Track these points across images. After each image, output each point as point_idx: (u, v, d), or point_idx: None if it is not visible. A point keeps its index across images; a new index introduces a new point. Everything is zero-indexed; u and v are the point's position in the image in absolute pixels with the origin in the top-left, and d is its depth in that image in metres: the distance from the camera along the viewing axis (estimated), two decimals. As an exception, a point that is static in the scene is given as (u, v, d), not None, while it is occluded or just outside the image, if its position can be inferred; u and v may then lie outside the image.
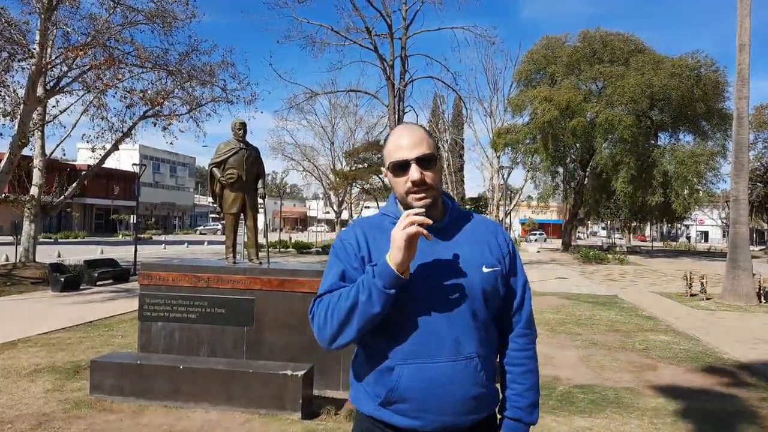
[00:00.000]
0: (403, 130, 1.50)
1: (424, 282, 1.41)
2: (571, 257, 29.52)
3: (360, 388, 1.51)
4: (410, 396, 1.40)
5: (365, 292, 1.35)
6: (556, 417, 4.52)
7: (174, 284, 5.07)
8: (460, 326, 1.42)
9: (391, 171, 1.47)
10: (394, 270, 1.33)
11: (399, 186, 1.47)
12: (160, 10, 14.84)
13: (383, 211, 1.59)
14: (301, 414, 4.26)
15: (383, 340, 1.43)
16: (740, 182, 12.61)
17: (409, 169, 1.43)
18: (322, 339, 1.43)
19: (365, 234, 1.51)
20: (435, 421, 1.41)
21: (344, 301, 1.38)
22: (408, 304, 1.40)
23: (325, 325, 1.41)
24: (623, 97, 28.08)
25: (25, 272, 13.68)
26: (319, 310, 1.43)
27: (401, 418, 1.41)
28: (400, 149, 1.45)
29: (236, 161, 5.46)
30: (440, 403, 1.39)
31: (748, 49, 12.42)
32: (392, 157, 1.46)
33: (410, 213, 1.34)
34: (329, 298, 1.42)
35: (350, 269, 1.47)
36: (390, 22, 19.24)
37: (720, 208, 53.02)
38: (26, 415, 4.26)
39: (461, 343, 1.41)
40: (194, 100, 17.22)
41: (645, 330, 8.71)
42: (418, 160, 1.43)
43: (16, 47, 12.68)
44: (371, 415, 1.46)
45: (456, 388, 1.40)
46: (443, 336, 1.40)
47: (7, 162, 12.94)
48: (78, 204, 44.07)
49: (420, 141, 1.46)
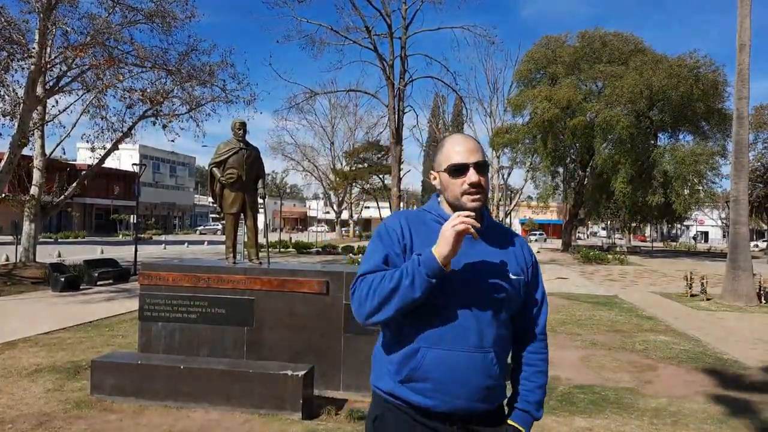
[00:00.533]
0: (462, 138, 1.65)
1: (460, 277, 1.54)
2: (571, 257, 29.52)
3: (383, 367, 1.63)
4: (431, 376, 1.52)
5: (409, 277, 1.47)
6: (557, 417, 4.52)
7: (174, 284, 5.06)
8: (484, 322, 1.55)
9: (449, 173, 1.60)
10: (439, 262, 1.46)
11: (455, 187, 1.60)
12: (159, 10, 14.83)
13: (425, 208, 1.73)
14: (301, 414, 4.26)
15: (413, 324, 1.55)
16: (740, 183, 12.61)
17: (467, 172, 1.58)
18: (360, 313, 1.55)
19: (409, 224, 1.64)
20: (448, 403, 1.53)
21: (387, 282, 1.50)
22: (441, 295, 1.52)
23: (365, 301, 1.53)
24: (622, 97, 28.09)
25: (25, 272, 13.68)
26: (362, 287, 1.55)
27: (418, 397, 1.54)
28: (460, 153, 1.59)
29: (236, 161, 5.45)
30: (456, 388, 1.52)
31: (748, 49, 12.43)
32: (452, 160, 1.60)
33: (462, 214, 1.47)
34: (372, 277, 1.54)
35: (393, 254, 1.59)
36: (390, 21, 19.26)
37: (720, 209, 53.03)
38: (27, 415, 4.26)
39: (483, 337, 1.55)
40: (194, 100, 17.20)
41: (645, 330, 8.71)
42: (476, 165, 1.58)
43: (16, 47, 12.67)
44: (390, 392, 1.58)
45: (472, 376, 1.53)
46: (469, 328, 1.54)
47: (7, 162, 12.94)
48: (78, 204, 43.99)
49: (477, 149, 1.62)
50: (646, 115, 31.29)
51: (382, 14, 19.05)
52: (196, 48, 16.40)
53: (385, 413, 1.60)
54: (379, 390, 1.63)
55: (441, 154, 1.64)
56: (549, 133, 30.15)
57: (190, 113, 17.43)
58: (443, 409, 1.53)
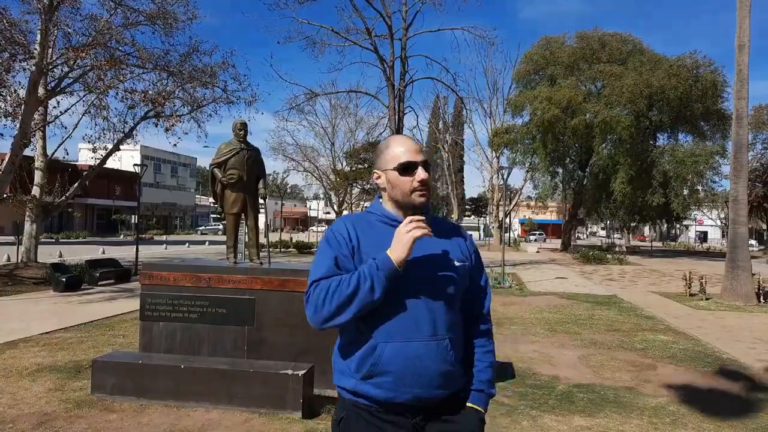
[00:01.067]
0: (406, 138, 1.73)
1: (409, 271, 1.59)
2: (571, 257, 29.53)
3: (344, 367, 1.67)
4: (390, 369, 1.57)
5: (368, 281, 1.53)
6: (556, 416, 4.55)
7: (175, 284, 5.09)
8: (437, 311, 1.62)
9: (399, 171, 1.65)
10: (395, 265, 1.53)
11: (405, 184, 1.66)
12: (161, 11, 14.85)
13: (369, 209, 1.79)
14: (301, 413, 4.29)
15: (369, 321, 1.60)
16: (739, 182, 12.63)
17: (416, 170, 1.64)
18: (316, 318, 1.59)
19: (354, 227, 1.69)
20: (408, 393, 1.58)
21: (345, 287, 1.54)
22: (394, 290, 1.57)
23: (322, 307, 1.57)
24: (622, 98, 28.09)
25: (26, 272, 13.70)
26: (317, 292, 1.59)
27: (379, 390, 1.58)
28: (408, 153, 1.66)
29: (237, 162, 5.47)
30: (415, 377, 1.57)
31: (747, 49, 12.44)
32: (401, 159, 1.66)
33: (414, 219, 1.56)
34: (327, 282, 1.58)
35: (342, 257, 1.64)
36: (390, 23, 19.24)
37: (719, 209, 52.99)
38: (28, 415, 4.28)
39: (436, 325, 1.61)
40: (195, 101, 17.23)
41: (644, 330, 8.73)
42: (423, 164, 1.66)
43: (17, 47, 12.70)
44: (354, 390, 1.62)
45: (430, 364, 1.59)
46: (422, 318, 1.60)
47: (9, 162, 12.96)
48: (79, 204, 44.03)
49: (421, 148, 1.70)
50: (646, 116, 31.27)
51: (382, 16, 19.04)
52: (197, 49, 16.43)
53: (349, 414, 1.64)
54: (343, 389, 1.67)
55: (387, 154, 1.69)
56: (548, 133, 30.15)
57: (192, 114, 17.46)
58: (404, 399, 1.58)
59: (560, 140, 31.40)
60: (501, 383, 5.41)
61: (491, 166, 43.48)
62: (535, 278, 17.26)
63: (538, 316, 9.77)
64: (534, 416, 4.53)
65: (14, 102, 13.24)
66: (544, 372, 5.96)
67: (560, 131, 30.24)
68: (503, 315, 9.84)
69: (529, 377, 5.73)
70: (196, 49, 16.38)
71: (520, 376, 5.73)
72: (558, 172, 35.90)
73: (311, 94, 22.74)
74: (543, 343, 7.54)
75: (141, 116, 16.61)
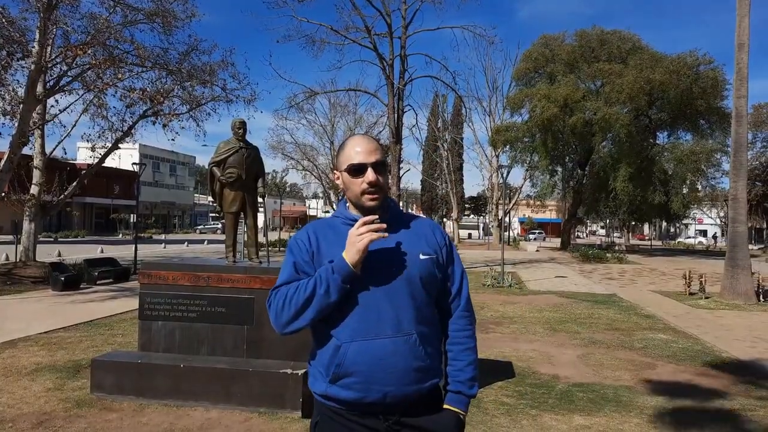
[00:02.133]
0: (361, 138, 1.70)
1: (369, 269, 1.58)
2: (570, 256, 29.54)
3: (315, 371, 1.67)
4: (355, 370, 1.55)
5: (323, 286, 1.54)
6: (556, 415, 4.54)
7: (174, 283, 5.07)
8: (400, 306, 1.59)
9: (349, 173, 1.64)
10: (351, 267, 1.53)
11: (355, 186, 1.64)
12: (160, 9, 14.81)
13: (335, 213, 1.78)
14: (301, 412, 4.28)
15: (332, 323, 1.60)
16: (739, 181, 12.63)
17: (365, 171, 1.62)
18: (278, 323, 1.63)
19: (316, 233, 1.70)
20: (378, 392, 1.55)
21: (302, 292, 1.57)
22: (355, 290, 1.58)
23: (282, 312, 1.60)
24: (622, 95, 28.07)
25: (25, 271, 13.67)
26: (277, 298, 1.62)
27: (348, 392, 1.56)
28: (359, 154, 1.63)
29: (236, 160, 5.46)
30: (383, 375, 1.55)
31: (747, 48, 12.44)
32: (352, 160, 1.64)
33: (367, 220, 1.55)
34: (286, 288, 1.61)
35: (301, 262, 1.66)
36: (389, 21, 19.23)
37: (719, 207, 53.01)
38: (27, 414, 4.27)
39: (401, 321, 1.58)
40: (194, 100, 17.18)
41: (644, 329, 8.73)
42: (374, 165, 1.63)
43: (16, 46, 12.66)
44: (324, 393, 1.61)
45: (398, 361, 1.55)
46: (385, 315, 1.58)
47: (7, 161, 12.93)
48: (78, 203, 43.96)
49: (375, 149, 1.66)
50: (646, 113, 31.28)
51: (381, 14, 19.03)
52: (196, 47, 16.39)
53: (322, 417, 1.64)
54: (315, 394, 1.66)
55: (342, 155, 1.68)
56: (548, 131, 30.15)
57: (191, 113, 17.41)
58: (374, 398, 1.55)
59: (560, 138, 31.39)
60: (501, 382, 5.41)
61: (491, 165, 43.50)
62: (534, 277, 17.26)
63: (537, 315, 9.76)
64: (534, 415, 4.52)
65: (13, 100, 13.21)
66: (543, 371, 5.96)
67: (559, 129, 30.23)
68: (503, 314, 9.83)
69: (528, 376, 5.72)
70: (195, 48, 16.35)
71: (519, 375, 5.73)
72: (557, 170, 35.90)
73: (310, 92, 22.74)
74: (543, 342, 7.54)
75: (140, 115, 16.57)
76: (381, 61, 19.41)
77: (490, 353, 6.71)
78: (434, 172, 55.28)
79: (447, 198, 51.53)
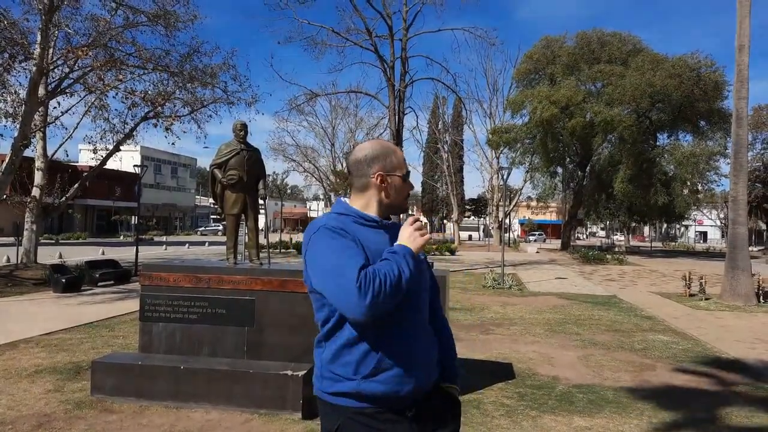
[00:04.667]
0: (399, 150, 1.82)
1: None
2: (570, 257, 29.52)
3: (339, 371, 1.61)
4: (393, 363, 1.59)
5: (405, 263, 1.53)
6: (555, 417, 4.55)
7: (175, 285, 5.08)
8: (423, 302, 1.74)
9: (403, 178, 1.76)
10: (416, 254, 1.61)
11: (404, 191, 1.77)
12: (162, 12, 14.85)
13: (340, 211, 1.71)
14: (301, 414, 4.29)
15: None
16: (739, 182, 12.63)
17: (409, 179, 1.78)
18: (374, 304, 1.45)
19: (342, 224, 1.62)
20: (412, 384, 1.62)
21: (394, 271, 1.50)
22: None
23: (379, 292, 1.45)
24: (623, 97, 28.08)
25: (26, 273, 13.70)
26: (369, 279, 1.46)
27: (384, 386, 1.58)
28: (406, 163, 1.78)
29: (237, 162, 5.47)
30: (416, 368, 1.63)
31: (747, 49, 12.45)
32: (405, 168, 1.77)
33: (418, 219, 1.67)
34: (373, 268, 1.49)
35: (356, 244, 1.57)
36: (390, 23, 19.28)
37: (719, 209, 52.98)
38: (27, 416, 4.28)
39: (424, 317, 1.74)
40: (195, 102, 17.23)
41: (644, 330, 8.73)
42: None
43: (18, 48, 12.70)
44: (355, 391, 1.58)
45: (426, 354, 1.69)
46: (420, 312, 1.70)
47: (9, 163, 12.96)
48: (79, 205, 44.05)
49: None
50: (646, 115, 31.28)
51: (383, 16, 19.08)
52: (198, 50, 16.44)
53: (345, 422, 1.59)
54: (340, 396, 1.61)
55: (394, 159, 1.74)
56: (548, 133, 30.16)
57: (192, 115, 17.46)
58: (407, 391, 1.60)
59: (560, 140, 31.40)
60: (501, 384, 5.41)
61: (491, 167, 43.52)
62: (534, 278, 17.26)
63: (537, 317, 9.76)
64: (534, 417, 4.53)
65: (14, 103, 13.25)
66: (543, 372, 5.96)
67: (559, 131, 30.24)
68: (503, 315, 9.83)
69: (528, 378, 5.72)
70: (197, 50, 16.40)
71: (519, 377, 5.73)
72: (558, 172, 35.91)
73: (311, 94, 22.78)
74: (543, 343, 7.54)
75: (141, 117, 16.61)
76: (382, 63, 19.45)
77: (490, 354, 6.71)
78: (435, 174, 55.32)
79: (447, 200, 51.52)
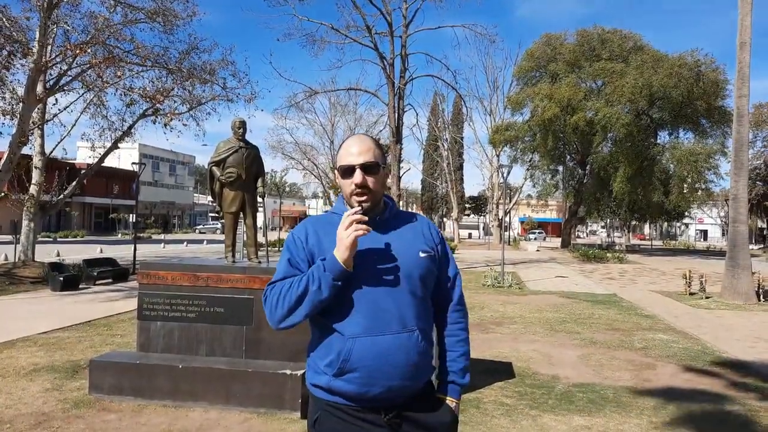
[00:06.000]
0: (355, 140, 1.73)
1: (371, 267, 1.63)
2: (571, 256, 29.52)
3: (316, 365, 1.67)
4: (361, 365, 1.58)
5: (315, 283, 1.57)
6: (555, 416, 4.52)
7: (173, 283, 5.05)
8: (403, 303, 1.63)
9: (340, 174, 1.70)
10: (342, 265, 1.56)
11: (345, 187, 1.70)
12: (161, 8, 14.80)
13: (333, 210, 1.80)
14: (300, 413, 4.26)
15: (336, 318, 1.62)
16: (740, 180, 12.61)
17: (354, 173, 1.66)
18: (272, 319, 1.65)
19: (315, 229, 1.72)
20: (382, 386, 1.59)
21: (295, 288, 1.60)
22: (358, 287, 1.61)
23: (276, 309, 1.63)
24: (623, 96, 28.03)
25: (24, 271, 13.67)
26: (272, 295, 1.65)
27: (353, 386, 1.59)
28: (350, 156, 1.67)
29: (236, 160, 5.44)
30: (388, 370, 1.58)
31: (748, 47, 12.42)
32: (342, 161, 1.69)
33: (349, 213, 1.58)
34: (281, 284, 1.64)
35: (297, 259, 1.69)
36: (390, 20, 19.21)
37: (719, 207, 52.98)
38: (25, 415, 4.25)
39: (404, 317, 1.62)
40: (194, 99, 17.17)
41: (644, 329, 8.72)
42: (363, 167, 1.66)
43: (16, 45, 12.64)
44: (328, 387, 1.62)
45: (401, 357, 1.60)
46: (389, 312, 1.61)
47: (7, 160, 12.92)
48: (77, 203, 44.01)
49: (367, 150, 1.68)
50: (647, 113, 31.24)
51: (382, 13, 19.02)
52: (196, 46, 16.38)
53: (323, 413, 1.64)
54: (317, 387, 1.67)
55: (338, 155, 1.74)
56: (548, 131, 30.11)
57: (191, 112, 17.40)
58: (378, 392, 1.58)
59: (560, 138, 31.36)
60: (500, 383, 5.39)
61: (491, 164, 43.48)
62: (535, 277, 17.25)
63: (537, 315, 9.74)
64: (534, 416, 4.51)
65: (13, 100, 13.20)
66: (543, 371, 5.94)
67: (560, 129, 30.20)
68: (503, 314, 9.82)
69: (528, 377, 5.70)
70: (195, 47, 16.35)
71: (519, 376, 5.71)
72: (558, 170, 35.86)
73: (311, 91, 22.74)
74: (543, 342, 7.52)
75: (139, 114, 16.56)
76: (381, 60, 19.40)
77: (490, 353, 6.69)
78: (434, 172, 55.29)
79: (447, 197, 51.52)
